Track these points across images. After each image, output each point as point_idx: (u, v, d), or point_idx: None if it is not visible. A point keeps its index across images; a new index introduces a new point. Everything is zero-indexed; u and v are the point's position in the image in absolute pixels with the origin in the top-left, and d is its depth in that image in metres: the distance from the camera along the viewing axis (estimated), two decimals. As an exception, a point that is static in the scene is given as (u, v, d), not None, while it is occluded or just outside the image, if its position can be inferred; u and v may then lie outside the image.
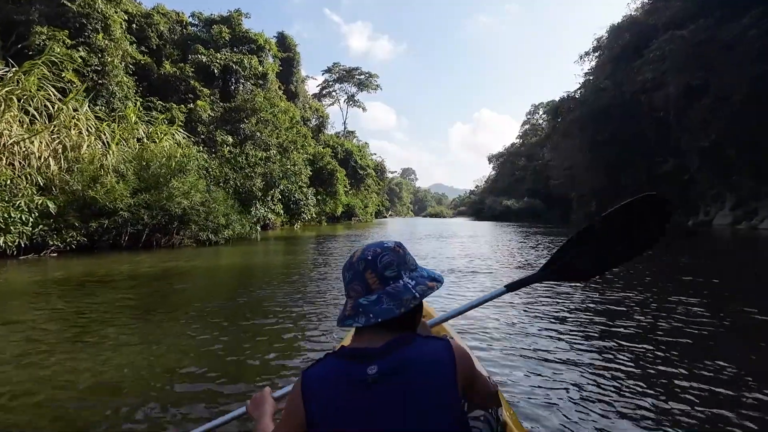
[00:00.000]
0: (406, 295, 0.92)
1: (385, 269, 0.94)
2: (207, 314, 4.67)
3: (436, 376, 0.86)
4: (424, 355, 0.88)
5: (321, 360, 0.94)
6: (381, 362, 0.86)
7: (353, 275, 0.96)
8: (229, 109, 23.07)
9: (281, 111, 24.22)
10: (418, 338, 0.91)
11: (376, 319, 0.89)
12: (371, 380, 0.85)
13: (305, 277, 7.14)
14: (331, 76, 77.04)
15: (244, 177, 17.08)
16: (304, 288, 6.22)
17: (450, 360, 0.88)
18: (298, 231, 25.39)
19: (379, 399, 0.84)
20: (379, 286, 0.93)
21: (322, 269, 8.14)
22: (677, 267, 8.59)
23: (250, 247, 13.35)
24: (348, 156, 49.96)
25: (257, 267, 8.83)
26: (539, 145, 64.82)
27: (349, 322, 0.93)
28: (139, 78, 22.17)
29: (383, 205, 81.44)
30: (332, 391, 0.87)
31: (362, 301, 0.93)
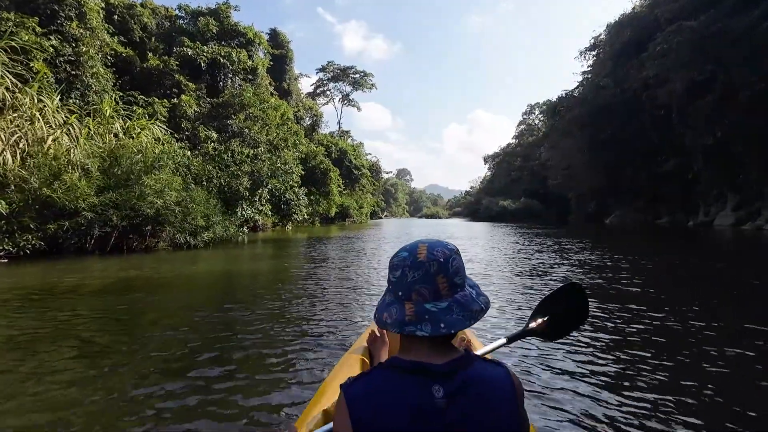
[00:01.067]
0: (474, 306, 0.86)
1: (455, 275, 0.86)
2: (163, 345, 3.66)
3: (500, 404, 0.81)
4: (487, 381, 0.82)
5: (364, 374, 0.85)
6: (445, 384, 0.80)
7: (422, 276, 0.84)
8: (217, 105, 21.99)
9: (271, 107, 23.16)
10: (478, 360, 0.85)
11: (448, 330, 0.81)
12: (439, 406, 0.78)
13: (292, 292, 6.10)
14: (326, 75, 75.94)
15: (229, 176, 16.03)
16: (291, 307, 5.09)
17: (512, 389, 0.83)
18: (290, 233, 24.33)
19: (446, 424, 0.77)
20: (448, 292, 0.85)
21: (311, 282, 7.03)
22: (701, 272, 7.71)
23: (233, 251, 12.31)
24: (342, 155, 48.92)
25: (237, 276, 7.77)
26: (536, 145, 64.37)
27: (410, 329, 0.82)
28: (119, 71, 21.04)
29: (378, 206, 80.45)
30: (388, 407, 0.78)
31: (430, 308, 0.83)
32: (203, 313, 4.78)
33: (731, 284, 6.84)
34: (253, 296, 5.76)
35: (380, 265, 9.01)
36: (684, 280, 7.24)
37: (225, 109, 21.63)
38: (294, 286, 6.48)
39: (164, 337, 3.86)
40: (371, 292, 6.03)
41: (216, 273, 8.15)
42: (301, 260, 9.98)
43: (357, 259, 10.19)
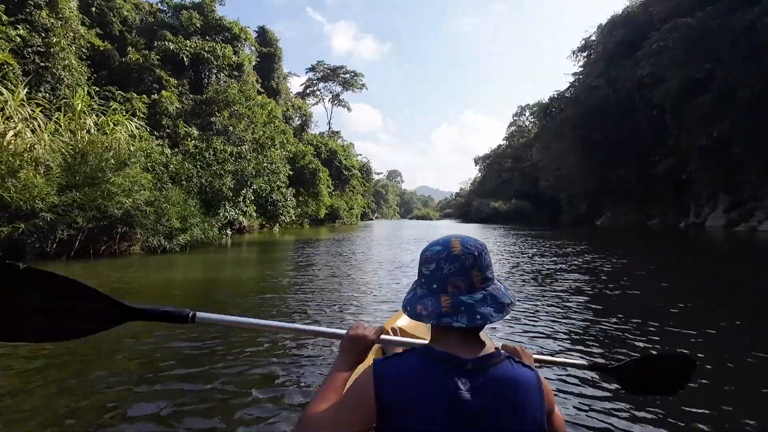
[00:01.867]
0: (505, 299, 0.88)
1: (488, 269, 0.89)
2: (126, 368, 2.91)
3: (527, 405, 0.82)
4: (516, 381, 0.83)
5: (397, 355, 0.87)
6: (472, 377, 0.81)
7: (458, 269, 0.87)
8: (200, 102, 21.09)
9: (258, 105, 22.32)
10: (509, 361, 0.86)
11: (483, 321, 0.84)
12: (464, 398, 0.79)
13: (274, 304, 5.37)
14: (315, 75, 75.08)
15: (211, 175, 15.18)
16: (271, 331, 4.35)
17: (539, 391, 0.84)
18: (277, 235, 23.47)
19: (471, 419, 0.79)
20: (482, 285, 0.88)
21: (296, 292, 6.21)
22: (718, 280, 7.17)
23: (214, 254, 11.49)
24: (332, 156, 48.13)
25: (214, 285, 6.96)
26: (527, 147, 64.41)
27: (447, 321, 0.84)
28: (96, 65, 20.04)
29: (369, 207, 79.76)
30: (415, 391, 0.80)
31: (465, 299, 0.86)
32: (171, 329, 4.02)
33: (744, 289, 6.32)
34: (229, 307, 5.02)
35: (371, 271, 8.30)
36: (691, 284, 6.69)
37: (209, 106, 20.74)
38: (277, 297, 5.75)
39: (130, 357, 3.13)
40: (363, 303, 5.35)
41: (191, 281, 7.36)
42: (286, 266, 9.22)
43: (346, 264, 9.46)
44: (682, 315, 4.60)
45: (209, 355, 3.32)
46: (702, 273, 8.19)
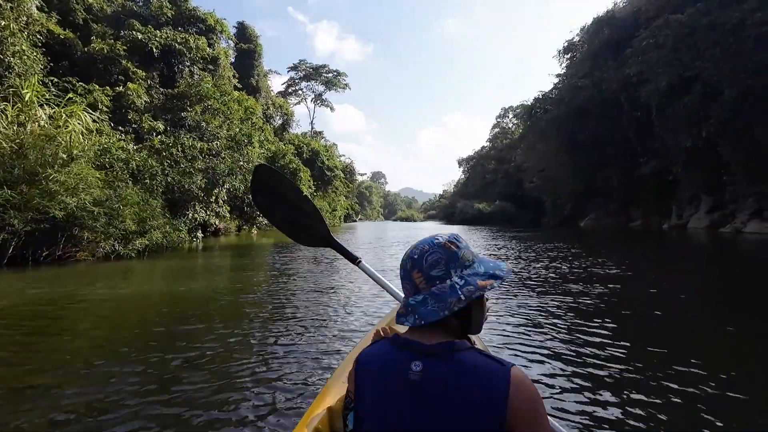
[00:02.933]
0: (451, 297, 0.86)
1: (432, 268, 0.89)
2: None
3: (481, 397, 0.76)
4: (472, 374, 0.79)
5: (375, 342, 0.96)
6: (427, 361, 0.83)
7: (403, 274, 0.94)
8: (171, 96, 19.77)
9: (234, 100, 21.12)
10: (473, 352, 0.84)
11: (420, 321, 0.86)
12: (412, 378, 0.82)
13: (246, 329, 4.36)
14: (297, 74, 73.83)
15: (180, 173, 13.99)
16: (244, 363, 3.21)
17: (502, 392, 0.76)
18: (255, 238, 22.27)
19: (414, 398, 0.81)
20: (425, 286, 0.89)
21: (271, 310, 5.16)
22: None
23: (178, 261, 10.36)
24: (314, 156, 46.91)
25: (165, 303, 5.91)
26: (510, 148, 64.51)
27: (401, 320, 0.90)
28: (56, 55, 18.53)
29: (353, 209, 78.67)
30: (375, 376, 0.88)
31: (411, 301, 0.90)
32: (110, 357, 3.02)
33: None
34: (199, 339, 4.02)
35: (354, 281, 7.37)
36: (712, 295, 6.02)
37: (180, 101, 19.44)
38: (248, 318, 4.77)
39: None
40: (347, 323, 4.42)
41: (142, 295, 6.28)
42: (261, 275, 8.19)
43: (327, 272, 8.49)
44: (693, 320, 4.42)
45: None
46: (725, 281, 7.58)
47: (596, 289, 6.15)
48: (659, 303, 5.34)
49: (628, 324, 4.33)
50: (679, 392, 2.63)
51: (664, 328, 4.22)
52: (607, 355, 3.31)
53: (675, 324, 4.30)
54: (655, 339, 3.76)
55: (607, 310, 4.85)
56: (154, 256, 10.23)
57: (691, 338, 3.87)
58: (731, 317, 4.62)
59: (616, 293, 5.97)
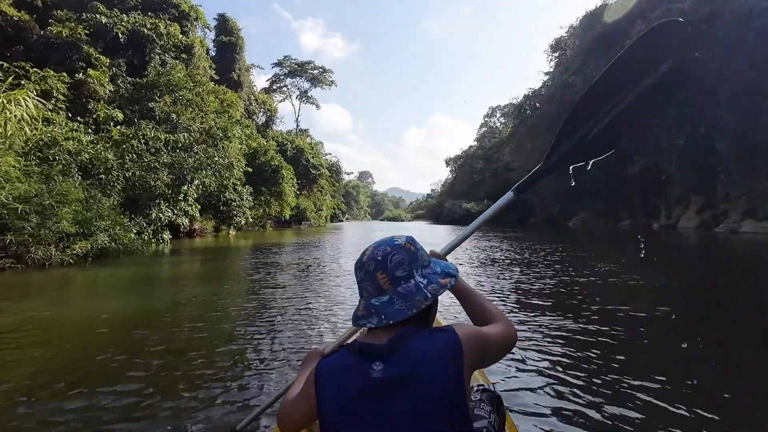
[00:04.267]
0: (418, 296, 0.89)
1: (396, 269, 0.91)
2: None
3: (442, 368, 0.83)
4: (428, 352, 0.85)
5: (336, 351, 0.96)
6: (385, 360, 0.85)
7: (364, 275, 0.94)
8: (140, 86, 18.22)
9: (209, 92, 19.66)
10: (420, 333, 0.88)
11: (387, 321, 0.87)
12: (376, 380, 0.83)
13: (205, 376, 3.10)
14: (282, 70, 72.02)
15: (142, 168, 12.55)
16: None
17: (457, 351, 0.85)
18: (232, 239, 20.82)
19: (382, 400, 0.82)
20: (390, 286, 0.91)
21: (246, 357, 3.97)
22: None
23: (128, 269, 8.96)
24: (299, 154, 45.42)
25: (100, 333, 4.56)
26: (498, 148, 64.04)
27: (362, 323, 0.91)
28: (9, 38, 16.89)
29: (339, 209, 77.26)
30: (339, 385, 0.87)
31: (374, 302, 0.91)
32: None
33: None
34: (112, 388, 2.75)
35: (342, 301, 6.16)
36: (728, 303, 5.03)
37: (150, 91, 17.91)
38: (210, 353, 3.52)
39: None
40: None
41: (71, 315, 4.95)
42: (232, 289, 6.89)
43: (315, 285, 7.22)
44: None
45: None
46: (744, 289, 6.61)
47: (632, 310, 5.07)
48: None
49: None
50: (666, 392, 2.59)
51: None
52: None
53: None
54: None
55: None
56: (102, 263, 8.79)
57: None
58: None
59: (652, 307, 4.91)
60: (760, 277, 7.92)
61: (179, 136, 13.72)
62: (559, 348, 3.44)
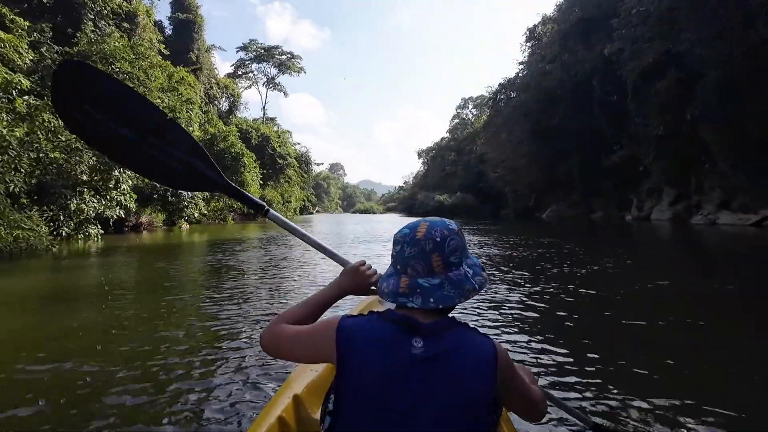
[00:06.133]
0: (467, 285, 0.88)
1: (452, 254, 0.88)
2: None
3: (478, 369, 0.81)
4: (469, 346, 0.83)
5: (361, 315, 0.89)
6: (427, 340, 0.82)
7: (418, 253, 0.88)
8: (69, 56, 15.52)
9: (154, 66, 17.15)
10: (464, 327, 0.87)
11: (436, 305, 0.85)
12: (416, 354, 0.81)
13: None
14: (247, 55, 68.27)
15: (59, 148, 10.22)
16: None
17: (492, 359, 0.83)
18: (184, 234, 18.50)
19: (422, 374, 0.80)
20: (442, 270, 0.87)
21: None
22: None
23: (23, 276, 6.87)
24: (264, 142, 42.70)
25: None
26: (470, 139, 63.55)
27: (402, 300, 0.87)
28: None
29: (309, 200, 74.75)
30: (371, 348, 0.82)
31: (422, 282, 0.87)
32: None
33: None
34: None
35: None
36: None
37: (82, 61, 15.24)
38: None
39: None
40: None
41: None
42: (152, 305, 5.00)
43: (279, 294, 5.44)
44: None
45: None
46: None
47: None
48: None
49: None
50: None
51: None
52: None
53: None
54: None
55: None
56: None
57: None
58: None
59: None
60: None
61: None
62: (552, 342, 3.33)
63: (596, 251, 10.34)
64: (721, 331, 3.79)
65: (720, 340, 3.50)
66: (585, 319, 4.10)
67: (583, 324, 3.98)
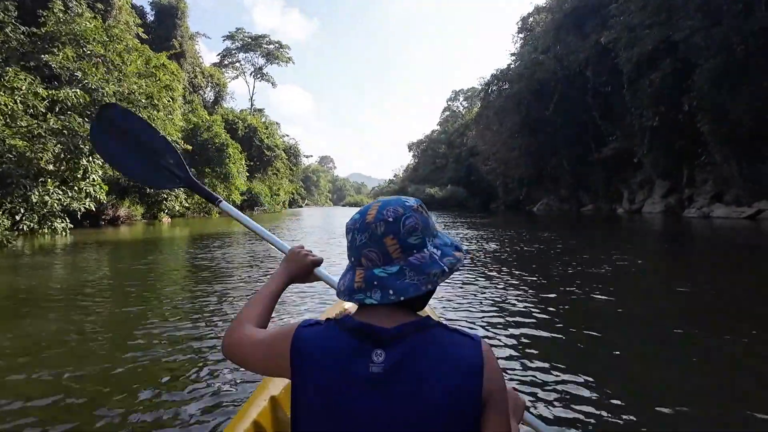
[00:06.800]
0: (433, 269, 0.73)
1: (410, 235, 0.74)
2: None
3: (455, 377, 0.67)
4: (444, 352, 0.69)
5: (320, 322, 0.77)
6: (390, 349, 0.69)
7: (369, 239, 0.75)
8: (35, 37, 14.45)
9: (130, 49, 16.12)
10: (440, 328, 0.72)
11: (397, 297, 0.71)
12: (374, 371, 0.68)
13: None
14: (234, 44, 66.52)
15: (19, 134, 9.31)
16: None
17: (478, 365, 0.69)
18: (165, 228, 17.66)
19: (381, 394, 0.67)
20: (400, 255, 0.74)
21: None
22: None
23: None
24: (251, 134, 41.55)
25: None
26: (461, 132, 63.12)
27: (359, 297, 0.74)
28: None
29: (298, 193, 73.76)
30: (327, 363, 0.71)
31: (378, 273, 0.73)
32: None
33: None
34: None
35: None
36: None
37: (50, 44, 14.21)
38: None
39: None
40: None
41: None
42: (113, 314, 4.33)
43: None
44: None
45: None
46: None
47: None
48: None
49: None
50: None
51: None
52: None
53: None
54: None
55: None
56: None
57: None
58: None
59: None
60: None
61: (68, 92, 10.38)
62: (548, 339, 3.23)
63: (585, 242, 9.94)
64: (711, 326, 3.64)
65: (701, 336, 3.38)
66: (577, 314, 3.96)
67: (574, 320, 3.81)
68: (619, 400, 2.22)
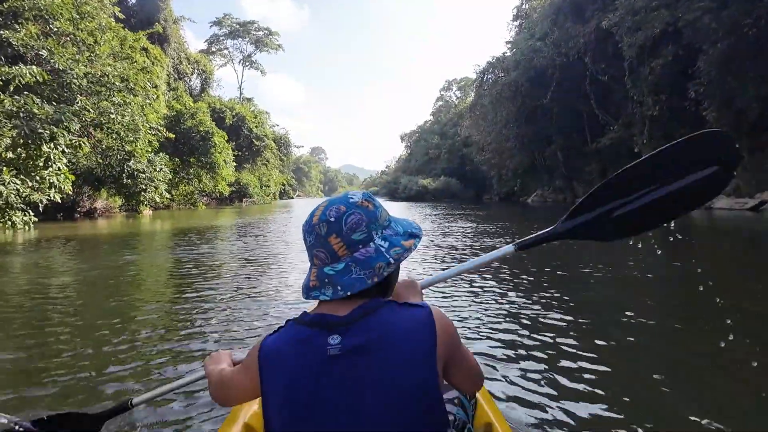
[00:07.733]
0: (378, 261, 0.77)
1: (352, 231, 0.78)
2: None
3: (411, 348, 0.73)
4: (396, 325, 0.74)
5: (281, 327, 0.82)
6: (345, 333, 0.74)
7: (315, 240, 0.80)
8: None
9: (103, 28, 14.96)
10: (390, 305, 0.77)
11: (345, 292, 0.76)
12: (333, 354, 0.72)
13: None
14: (222, 30, 64.55)
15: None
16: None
17: (430, 329, 0.75)
18: (146, 221, 16.64)
19: (341, 376, 0.71)
20: (346, 252, 0.78)
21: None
22: None
23: None
24: (240, 123, 40.23)
25: None
26: (455, 122, 62.20)
27: (314, 294, 0.79)
28: None
29: (289, 184, 72.55)
30: (288, 362, 0.75)
31: (327, 271, 0.78)
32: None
33: None
34: None
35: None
36: None
37: (12, 20, 13.04)
38: None
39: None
40: None
41: None
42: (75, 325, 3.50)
43: (251, 301, 4.05)
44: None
45: None
46: None
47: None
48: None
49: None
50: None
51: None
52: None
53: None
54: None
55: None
56: None
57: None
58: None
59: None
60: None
61: (22, 69, 9.28)
62: (547, 335, 3.01)
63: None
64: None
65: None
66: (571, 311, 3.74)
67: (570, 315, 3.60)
68: (617, 395, 2.15)
